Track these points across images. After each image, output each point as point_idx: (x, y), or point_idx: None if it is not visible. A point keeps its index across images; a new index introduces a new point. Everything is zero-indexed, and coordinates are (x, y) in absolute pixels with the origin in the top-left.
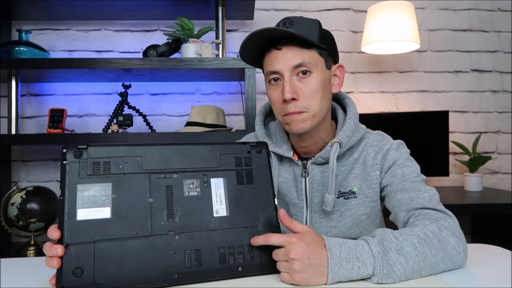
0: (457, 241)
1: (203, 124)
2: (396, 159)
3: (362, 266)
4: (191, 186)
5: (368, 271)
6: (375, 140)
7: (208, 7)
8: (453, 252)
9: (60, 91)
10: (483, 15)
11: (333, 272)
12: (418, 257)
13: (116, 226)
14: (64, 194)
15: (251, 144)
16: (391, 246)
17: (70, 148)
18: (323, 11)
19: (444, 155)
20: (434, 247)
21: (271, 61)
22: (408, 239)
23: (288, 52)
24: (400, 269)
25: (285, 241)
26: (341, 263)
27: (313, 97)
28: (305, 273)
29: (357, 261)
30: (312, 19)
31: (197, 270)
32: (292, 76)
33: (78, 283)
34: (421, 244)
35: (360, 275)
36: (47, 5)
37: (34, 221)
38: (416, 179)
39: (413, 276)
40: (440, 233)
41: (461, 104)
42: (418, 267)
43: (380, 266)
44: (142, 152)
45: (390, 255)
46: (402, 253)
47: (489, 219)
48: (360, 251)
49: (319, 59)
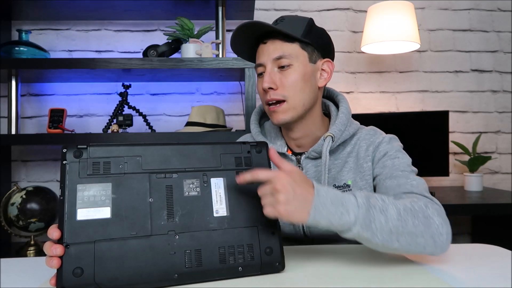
0: (442, 222)
1: (203, 124)
2: (387, 151)
3: (345, 213)
4: (191, 186)
5: (350, 219)
6: (367, 134)
7: (208, 7)
8: (435, 231)
9: (60, 91)
10: (483, 15)
11: (315, 209)
12: (399, 221)
13: (116, 226)
14: (64, 194)
15: (251, 144)
16: (376, 204)
17: (70, 148)
18: (323, 11)
19: (444, 155)
20: (418, 219)
21: (258, 54)
22: (394, 204)
23: (271, 46)
24: (378, 227)
25: (272, 175)
26: (325, 204)
27: (292, 88)
28: (289, 205)
29: (341, 207)
30: (304, 17)
31: (197, 270)
32: (273, 67)
33: (78, 283)
34: (405, 212)
35: (341, 221)
36: (47, 5)
37: (34, 221)
38: (406, 169)
39: (391, 239)
40: (427, 210)
41: (461, 104)
42: (397, 231)
43: (362, 216)
44: (142, 152)
45: (373, 211)
46: (384, 214)
47: (489, 219)
48: (346, 200)
49: (301, 53)
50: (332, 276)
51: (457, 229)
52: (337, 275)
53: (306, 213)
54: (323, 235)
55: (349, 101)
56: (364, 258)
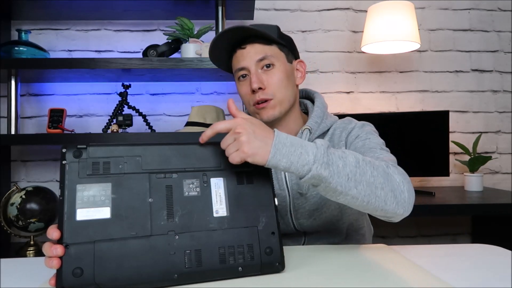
0: (403, 180)
1: (203, 124)
2: (358, 134)
3: (304, 153)
4: (191, 186)
5: (308, 158)
6: (342, 123)
7: (208, 7)
8: (396, 186)
9: (60, 91)
10: (483, 15)
11: (275, 148)
12: (357, 169)
13: (116, 226)
14: (63, 194)
15: None
16: (335, 152)
17: (69, 148)
18: (323, 11)
19: (444, 155)
20: (377, 171)
21: (238, 60)
22: (354, 154)
23: (252, 49)
24: (336, 171)
25: (231, 122)
26: (285, 144)
27: (279, 86)
28: (251, 143)
29: (301, 148)
30: (271, 25)
31: (197, 270)
32: (258, 69)
33: (78, 283)
34: (364, 162)
35: (301, 160)
36: (47, 5)
37: (33, 221)
38: (376, 146)
39: (349, 185)
40: (387, 168)
41: (461, 104)
42: (354, 178)
43: (321, 155)
44: (141, 152)
45: (331, 156)
46: (342, 159)
47: (489, 219)
48: (306, 143)
49: (280, 53)
50: (332, 276)
51: (457, 229)
52: (337, 275)
53: (267, 151)
54: (313, 228)
55: (349, 101)
56: (364, 258)
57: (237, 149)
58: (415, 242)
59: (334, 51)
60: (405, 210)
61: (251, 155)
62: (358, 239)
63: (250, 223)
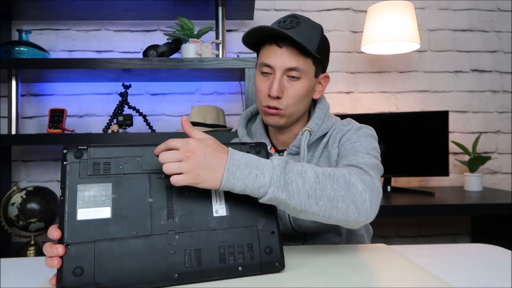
0: (365, 188)
1: (203, 124)
2: (351, 137)
3: (260, 175)
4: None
5: (264, 180)
6: (341, 125)
7: (208, 7)
8: (358, 196)
9: (60, 91)
10: (483, 15)
11: (229, 171)
12: (317, 184)
13: (116, 225)
14: (64, 194)
15: (250, 145)
16: (294, 168)
17: (70, 148)
18: (323, 11)
19: (444, 155)
20: (337, 184)
21: (269, 54)
22: (313, 169)
23: (287, 53)
24: (295, 190)
25: (182, 141)
26: (239, 166)
27: (295, 100)
28: (200, 169)
29: (256, 169)
30: (316, 24)
31: (197, 270)
32: (283, 76)
33: (78, 282)
34: (324, 176)
35: (256, 183)
36: (47, 5)
37: (34, 221)
38: (362, 150)
39: (309, 202)
40: (349, 177)
41: (461, 104)
42: (314, 194)
43: (277, 177)
44: (142, 153)
45: (290, 174)
46: (302, 176)
47: (489, 219)
48: (262, 162)
49: (311, 68)
50: (332, 276)
51: (457, 229)
52: (337, 275)
53: (219, 177)
54: (311, 229)
55: (349, 101)
56: (364, 258)
57: (182, 173)
58: (415, 242)
59: (334, 51)
60: (367, 218)
61: (200, 182)
62: (358, 240)
63: (250, 222)
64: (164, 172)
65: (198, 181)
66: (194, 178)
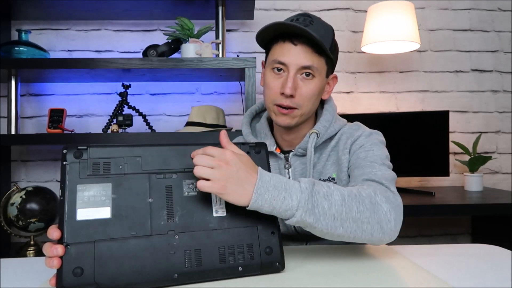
0: (390, 208)
1: (203, 124)
2: (363, 144)
3: (288, 197)
4: (191, 186)
5: (292, 203)
6: (350, 129)
7: (208, 7)
8: (383, 217)
9: (60, 91)
10: (483, 15)
11: (258, 193)
12: (343, 207)
13: (116, 226)
14: (64, 194)
15: (250, 145)
16: (320, 190)
17: (70, 149)
18: (323, 11)
19: (444, 155)
20: (363, 205)
21: (282, 52)
22: (339, 190)
23: (302, 51)
24: (321, 213)
25: (220, 150)
26: (268, 188)
27: (308, 99)
28: (228, 182)
29: (285, 191)
30: (327, 24)
31: (197, 270)
32: (297, 74)
33: (78, 282)
34: (350, 197)
35: (284, 205)
36: (47, 5)
37: (34, 221)
38: (376, 160)
39: (335, 224)
40: (375, 197)
41: (461, 104)
42: (340, 217)
43: (305, 200)
44: (141, 153)
45: (316, 197)
46: (328, 199)
47: (489, 219)
48: (290, 185)
49: (324, 67)
50: (332, 276)
51: (457, 229)
52: (337, 275)
53: (246, 195)
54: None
55: (349, 101)
56: (364, 258)
57: (210, 179)
58: (415, 242)
59: None
60: (391, 237)
61: (225, 194)
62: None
63: (250, 223)
64: (195, 175)
65: (223, 193)
66: (220, 189)
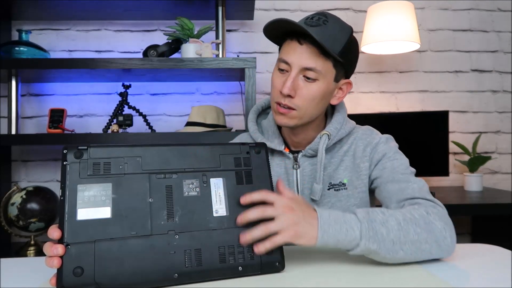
0: (444, 225)
1: (203, 124)
2: (385, 152)
3: (350, 229)
4: (191, 186)
5: (355, 234)
6: (364, 134)
7: (208, 7)
8: (439, 235)
9: (60, 91)
10: (483, 15)
11: (323, 229)
12: (400, 232)
13: (116, 226)
14: (64, 194)
15: (250, 145)
16: (376, 218)
17: (70, 149)
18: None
19: (444, 155)
20: (419, 227)
21: (288, 50)
22: (394, 215)
23: (306, 51)
24: (381, 239)
25: (279, 198)
26: (330, 224)
27: (308, 102)
28: (298, 226)
29: (345, 224)
30: (346, 26)
31: (197, 270)
32: (299, 75)
33: (78, 282)
34: (405, 221)
35: (348, 237)
36: (47, 5)
37: (34, 221)
38: (406, 171)
39: (395, 249)
40: (428, 216)
41: (461, 104)
42: (399, 241)
43: (366, 229)
44: (142, 153)
45: (374, 225)
46: (385, 226)
47: (489, 219)
48: (348, 218)
49: (330, 70)
50: (332, 276)
51: (457, 229)
52: (337, 275)
53: (314, 235)
54: None
55: (349, 101)
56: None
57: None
58: None
59: None
60: (449, 253)
61: (298, 237)
62: None
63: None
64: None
65: (296, 238)
66: (292, 237)
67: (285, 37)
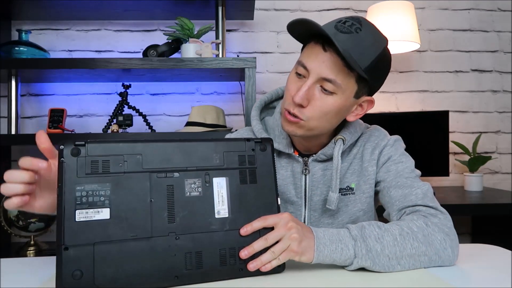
0: (444, 236)
1: (203, 124)
2: (391, 155)
3: (345, 248)
4: (193, 186)
5: (350, 253)
6: (372, 136)
7: (208, 7)
8: (439, 247)
9: (60, 91)
10: (483, 15)
11: (318, 250)
12: (396, 247)
13: (116, 227)
14: (62, 194)
15: (256, 141)
16: (371, 234)
17: (67, 144)
18: (323, 11)
19: (444, 155)
20: (417, 240)
21: (309, 55)
22: (390, 230)
23: (329, 60)
24: (375, 255)
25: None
26: (325, 244)
27: (320, 115)
28: (302, 242)
29: (340, 243)
30: (380, 38)
31: (197, 272)
32: (316, 84)
33: (77, 285)
34: (402, 236)
35: (343, 256)
36: (47, 5)
37: (34, 221)
38: (410, 175)
39: (391, 264)
40: (427, 228)
41: (461, 104)
42: (395, 256)
43: (359, 248)
44: (142, 150)
45: (368, 241)
46: (380, 242)
47: (489, 219)
48: (342, 235)
49: (352, 86)
50: (332, 276)
51: (457, 229)
52: (336, 275)
53: (312, 252)
54: None
55: None
56: None
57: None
58: None
59: None
60: (450, 263)
61: (300, 253)
62: None
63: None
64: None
65: (299, 253)
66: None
67: (310, 38)
